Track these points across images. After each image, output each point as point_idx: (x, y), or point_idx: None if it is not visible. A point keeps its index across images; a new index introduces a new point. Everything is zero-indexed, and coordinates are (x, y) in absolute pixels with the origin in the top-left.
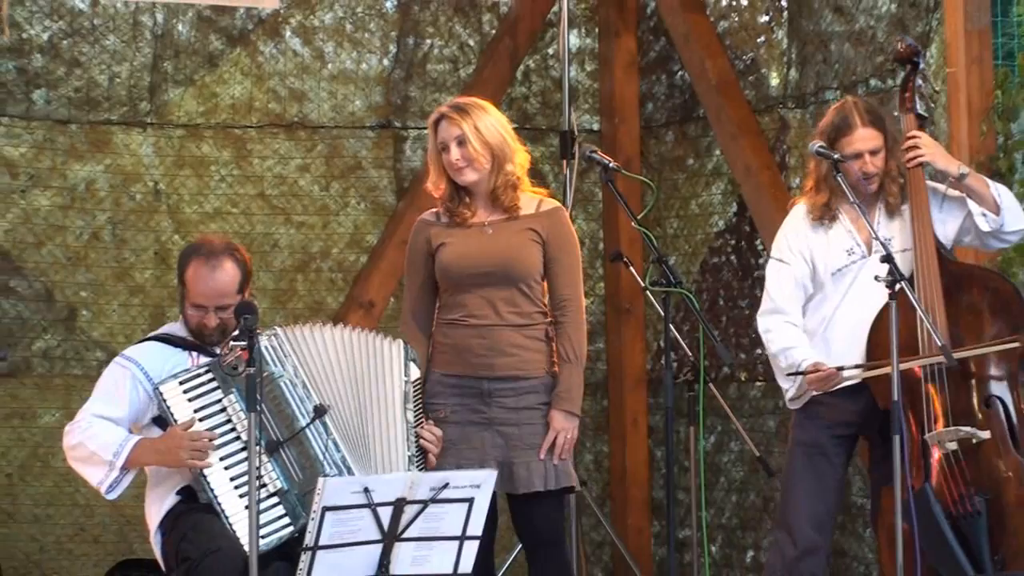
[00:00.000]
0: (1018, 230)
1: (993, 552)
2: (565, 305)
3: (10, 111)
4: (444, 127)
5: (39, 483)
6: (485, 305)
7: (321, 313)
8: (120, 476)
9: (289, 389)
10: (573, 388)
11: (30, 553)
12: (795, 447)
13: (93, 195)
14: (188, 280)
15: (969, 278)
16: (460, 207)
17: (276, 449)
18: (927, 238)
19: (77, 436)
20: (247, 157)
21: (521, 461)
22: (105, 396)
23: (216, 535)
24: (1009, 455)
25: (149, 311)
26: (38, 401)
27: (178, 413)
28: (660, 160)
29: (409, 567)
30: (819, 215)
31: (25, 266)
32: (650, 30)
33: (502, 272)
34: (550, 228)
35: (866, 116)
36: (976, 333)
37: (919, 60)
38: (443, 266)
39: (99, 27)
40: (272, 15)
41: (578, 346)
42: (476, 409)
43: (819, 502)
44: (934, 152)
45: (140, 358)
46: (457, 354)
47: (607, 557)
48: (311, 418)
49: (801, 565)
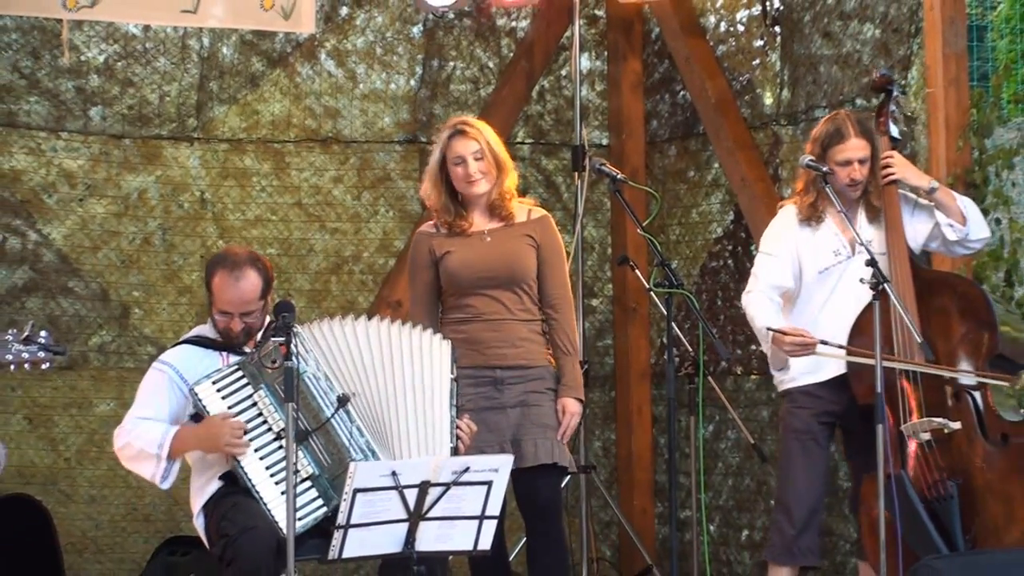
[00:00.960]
0: (981, 239)
1: (965, 532)
2: (558, 303)
3: (69, 127)
4: (462, 142)
5: (95, 467)
6: (493, 303)
7: (353, 311)
8: (168, 466)
9: (313, 382)
10: (577, 377)
11: (86, 530)
12: (789, 435)
13: (145, 203)
14: (214, 288)
15: (939, 283)
16: (458, 219)
17: (305, 438)
18: (900, 247)
19: (124, 438)
20: (285, 169)
21: (529, 438)
22: (146, 400)
23: (253, 515)
24: (978, 444)
25: (195, 310)
26: (94, 392)
27: (212, 410)
28: (663, 172)
29: (433, 544)
30: (807, 215)
31: (82, 268)
32: (655, 53)
33: (507, 275)
34: (542, 234)
35: (858, 127)
36: (945, 334)
37: (892, 88)
38: (450, 272)
39: (150, 50)
40: (309, 39)
41: (573, 338)
42: (490, 396)
43: (813, 485)
44: (905, 170)
45: (175, 362)
46: (471, 347)
47: (614, 535)
48: (335, 408)
49: (799, 541)
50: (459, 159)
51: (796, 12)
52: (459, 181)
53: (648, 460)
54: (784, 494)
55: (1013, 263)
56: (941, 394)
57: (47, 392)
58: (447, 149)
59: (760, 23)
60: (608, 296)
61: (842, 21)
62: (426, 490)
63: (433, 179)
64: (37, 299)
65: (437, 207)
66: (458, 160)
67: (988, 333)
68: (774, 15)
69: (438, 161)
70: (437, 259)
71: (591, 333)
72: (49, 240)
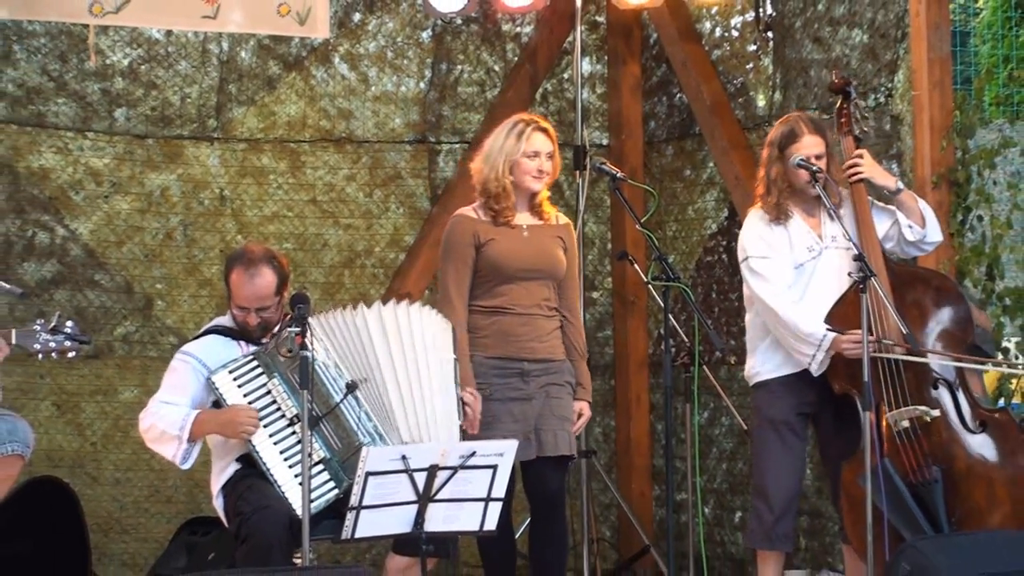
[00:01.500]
0: (936, 241)
1: (950, 515)
2: (574, 307)
3: (95, 127)
4: (542, 139)
5: (119, 451)
6: (526, 296)
7: (365, 304)
8: (189, 447)
9: (323, 370)
10: (589, 379)
11: (112, 511)
12: (764, 424)
13: (167, 200)
14: (232, 285)
15: (913, 278)
16: (508, 207)
17: (317, 423)
18: (873, 242)
19: (148, 420)
20: (301, 168)
21: (549, 428)
22: (170, 387)
23: (267, 495)
24: (958, 431)
25: (215, 301)
26: (119, 380)
27: (229, 398)
28: (661, 171)
29: (441, 524)
30: (774, 215)
31: (108, 262)
32: (653, 58)
33: (547, 271)
34: (569, 240)
35: (811, 125)
36: (921, 326)
37: (851, 90)
38: (493, 260)
39: (172, 54)
40: (323, 44)
41: (584, 342)
42: (516, 387)
43: (790, 472)
44: (872, 170)
45: (198, 352)
46: (501, 339)
47: (614, 517)
48: (343, 394)
49: (778, 527)
50: (536, 153)
51: (788, 18)
52: (526, 172)
53: (646, 445)
54: (762, 481)
55: (994, 258)
56: (921, 382)
57: (74, 380)
58: (526, 140)
59: (753, 29)
60: (608, 289)
61: (831, 27)
62: (434, 473)
63: (503, 164)
64: (65, 291)
65: (497, 191)
66: (534, 154)
67: (964, 324)
68: (767, 21)
69: (511, 148)
70: (480, 244)
71: (592, 324)
72: (76, 235)
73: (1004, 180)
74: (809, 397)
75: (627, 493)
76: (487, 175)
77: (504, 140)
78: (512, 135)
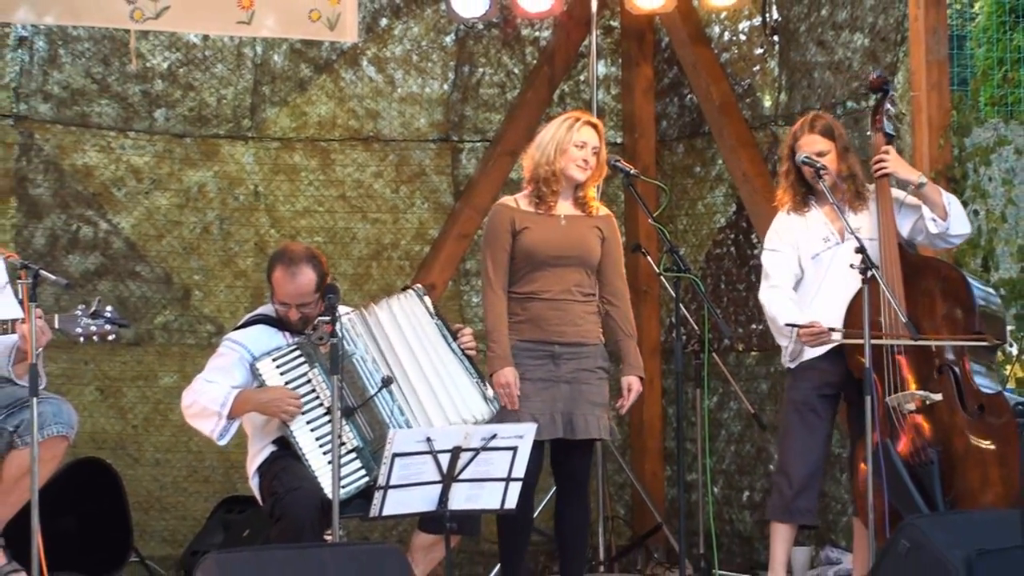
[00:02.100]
0: (961, 234)
1: (945, 494)
2: (618, 292)
3: (136, 127)
4: (591, 133)
5: (159, 433)
6: (557, 282)
7: (391, 294)
8: (227, 424)
9: (361, 364)
10: (639, 357)
11: (152, 490)
12: (789, 405)
13: (204, 196)
14: (274, 282)
15: (925, 267)
16: (552, 194)
17: (351, 414)
18: (891, 234)
19: (191, 396)
20: (331, 165)
21: (580, 413)
22: (215, 369)
23: (300, 477)
24: (957, 414)
25: (250, 292)
26: (158, 366)
27: (271, 384)
28: (672, 168)
29: (464, 503)
30: (794, 206)
31: (148, 255)
32: (664, 60)
33: (578, 257)
34: (609, 231)
35: (815, 126)
36: (930, 313)
37: (888, 88)
38: (527, 247)
39: (209, 57)
40: (352, 48)
41: (632, 324)
42: (548, 370)
43: (810, 451)
44: (898, 165)
45: (245, 340)
46: (534, 324)
47: (628, 496)
48: (378, 388)
49: (797, 502)
50: (583, 144)
51: (793, 23)
52: (572, 160)
53: (658, 428)
54: (784, 459)
55: (989, 250)
56: (926, 368)
57: (117, 366)
58: (576, 131)
59: (760, 33)
60: None
61: (834, 31)
62: (458, 454)
63: (553, 149)
64: (108, 282)
65: (547, 175)
66: (582, 144)
67: (967, 312)
68: (773, 25)
69: (561, 136)
70: (516, 231)
71: None
72: (118, 229)
73: (999, 176)
74: (832, 379)
75: (640, 473)
76: (538, 160)
77: (556, 130)
78: (564, 125)
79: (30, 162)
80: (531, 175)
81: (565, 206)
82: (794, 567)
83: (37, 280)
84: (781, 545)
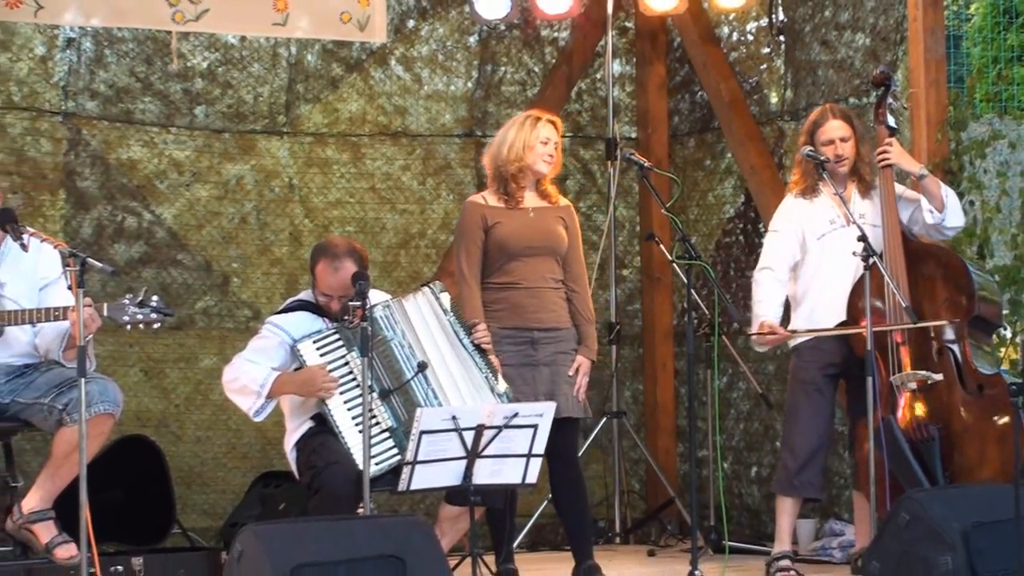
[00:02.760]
0: (955, 227)
1: (944, 469)
2: (579, 278)
3: (178, 123)
4: (551, 130)
5: (200, 412)
6: (531, 271)
7: (418, 280)
8: (265, 403)
9: (398, 349)
10: (595, 340)
11: (193, 466)
12: (795, 384)
13: (241, 188)
14: (317, 274)
15: (926, 254)
16: (519, 190)
17: (387, 396)
18: (893, 222)
19: (233, 373)
20: (361, 159)
21: (562, 393)
22: (256, 350)
23: (337, 452)
24: (957, 393)
25: (285, 279)
26: (199, 348)
27: (310, 365)
28: (684, 161)
29: (487, 478)
30: (802, 191)
31: (189, 244)
32: (676, 59)
33: (548, 247)
34: (570, 220)
35: (837, 112)
36: (931, 297)
37: (891, 84)
38: (500, 240)
39: (246, 57)
40: (381, 47)
41: (591, 309)
42: (527, 354)
43: (815, 428)
44: (900, 157)
45: (286, 325)
46: (512, 311)
47: (642, 471)
48: (414, 372)
49: (801, 475)
50: (547, 140)
51: (798, 24)
52: (539, 156)
53: (671, 407)
54: (789, 435)
55: (984, 238)
56: (927, 350)
57: (160, 348)
58: (541, 128)
59: (767, 33)
60: (636, 267)
61: (837, 31)
62: (481, 432)
63: (521, 147)
64: (151, 270)
65: (514, 172)
66: (546, 140)
67: (967, 297)
68: (779, 26)
69: (527, 135)
70: (488, 227)
71: (622, 299)
72: (161, 219)
73: (993, 169)
74: (836, 359)
75: (654, 450)
76: (505, 158)
77: (519, 129)
78: (527, 125)
79: (78, 156)
80: (497, 172)
81: (531, 198)
82: (799, 538)
83: (84, 268)
84: (786, 517)
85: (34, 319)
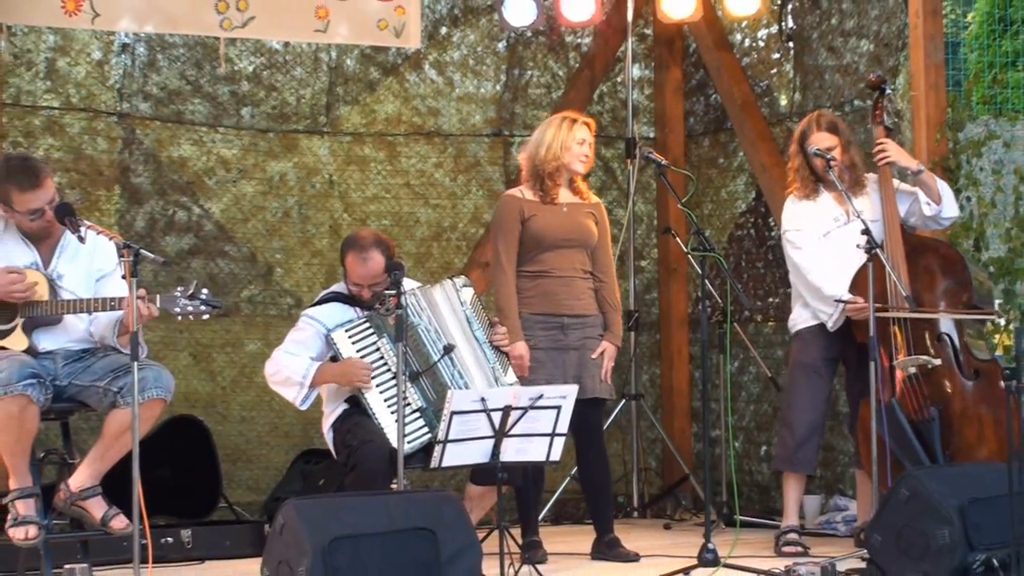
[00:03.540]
0: (951, 217)
1: (944, 449)
2: (607, 270)
3: (225, 123)
4: (586, 131)
5: (245, 393)
6: (564, 262)
7: (450, 271)
8: (309, 392)
9: (425, 334)
10: (620, 327)
11: (238, 444)
12: (795, 367)
13: (284, 184)
14: (347, 266)
15: (925, 246)
16: (556, 185)
17: (417, 378)
18: (893, 216)
19: (275, 366)
20: (397, 157)
21: (588, 375)
22: (294, 342)
23: (371, 431)
24: (955, 377)
25: (325, 268)
26: (244, 334)
27: (344, 352)
28: (699, 159)
29: (514, 456)
30: (804, 193)
31: (235, 236)
32: (692, 64)
33: (580, 240)
34: (600, 216)
35: (822, 123)
36: (930, 288)
37: (885, 87)
38: (535, 232)
39: (289, 61)
40: (415, 52)
41: (618, 298)
42: (557, 339)
43: (812, 408)
44: (897, 154)
45: (320, 316)
46: (544, 298)
47: (658, 450)
48: (441, 355)
49: (798, 453)
50: (583, 140)
51: (806, 31)
52: (575, 156)
53: (686, 390)
54: (788, 413)
55: (980, 232)
56: (926, 337)
57: (207, 334)
58: (577, 130)
59: (777, 39)
60: (654, 259)
61: (843, 38)
62: (508, 413)
63: (558, 147)
64: (200, 260)
65: (552, 170)
66: (582, 141)
67: (964, 287)
68: (788, 33)
69: (564, 136)
70: (524, 219)
71: (640, 288)
72: (209, 213)
73: (989, 167)
74: (836, 344)
75: (670, 430)
76: (542, 158)
77: (557, 130)
78: (564, 126)
79: (132, 154)
80: (534, 170)
81: (565, 194)
82: (806, 513)
83: (138, 258)
84: (793, 493)
85: (92, 308)
